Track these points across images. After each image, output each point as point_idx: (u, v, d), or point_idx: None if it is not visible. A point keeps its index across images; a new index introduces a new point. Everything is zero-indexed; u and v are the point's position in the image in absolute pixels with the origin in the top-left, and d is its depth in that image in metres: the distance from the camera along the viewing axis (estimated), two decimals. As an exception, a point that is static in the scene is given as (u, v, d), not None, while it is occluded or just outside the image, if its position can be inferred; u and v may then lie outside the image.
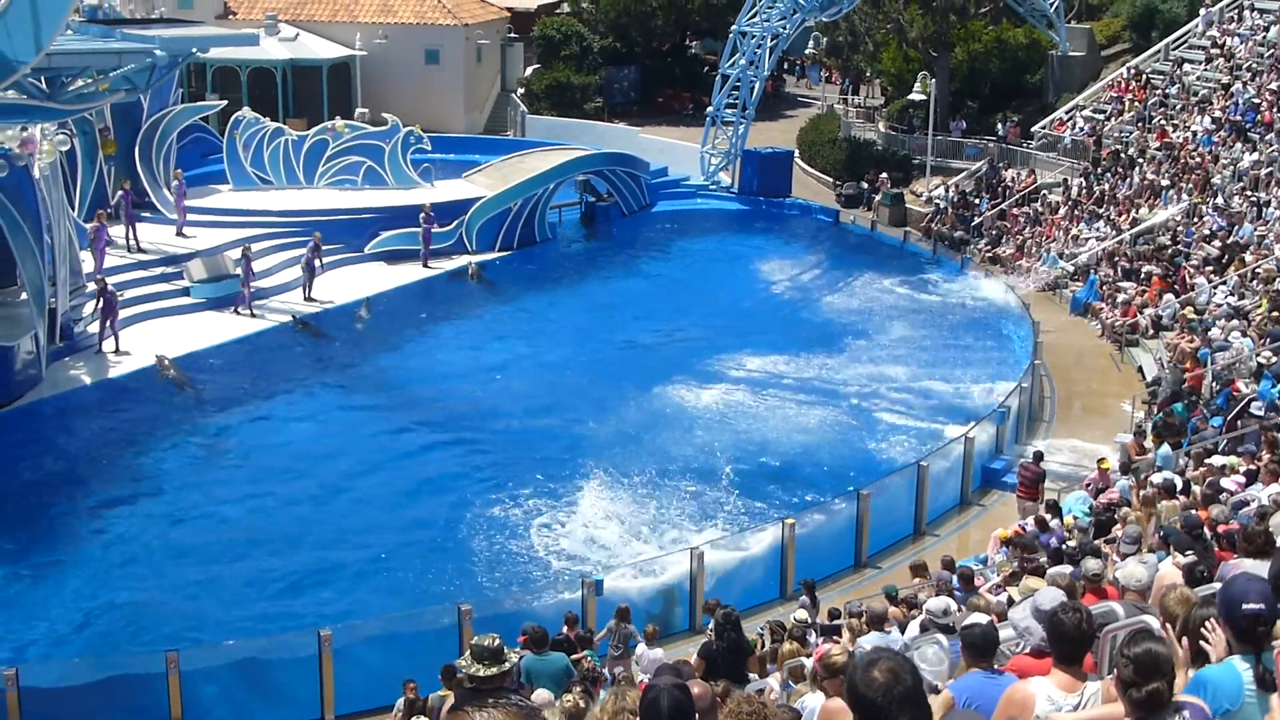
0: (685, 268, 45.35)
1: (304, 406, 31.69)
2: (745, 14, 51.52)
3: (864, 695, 5.21)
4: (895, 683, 5.18)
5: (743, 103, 52.09)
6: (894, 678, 5.19)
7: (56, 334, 31.75)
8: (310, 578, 23.77)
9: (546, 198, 46.22)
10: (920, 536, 25.56)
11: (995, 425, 28.41)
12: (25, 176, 29.98)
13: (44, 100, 26.95)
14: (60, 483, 27.22)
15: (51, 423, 29.71)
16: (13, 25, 23.64)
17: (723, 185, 53.61)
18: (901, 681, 5.19)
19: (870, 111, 63.44)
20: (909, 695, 5.18)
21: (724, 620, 14.28)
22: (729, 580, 22.58)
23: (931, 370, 34.86)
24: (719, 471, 27.95)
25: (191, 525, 25.59)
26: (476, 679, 8.87)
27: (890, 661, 5.28)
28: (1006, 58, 55.68)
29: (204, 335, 34.47)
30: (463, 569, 23.96)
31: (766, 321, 38.81)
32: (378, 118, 48.29)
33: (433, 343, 36.85)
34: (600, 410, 31.60)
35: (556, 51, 65.01)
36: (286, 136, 44.68)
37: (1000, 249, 44.52)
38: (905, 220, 49.18)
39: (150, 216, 40.09)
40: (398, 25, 61.31)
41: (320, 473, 27.98)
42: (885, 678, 5.19)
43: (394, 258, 41.95)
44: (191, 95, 54.61)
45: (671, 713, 5.97)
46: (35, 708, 18.42)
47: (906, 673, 5.24)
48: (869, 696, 5.19)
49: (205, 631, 21.74)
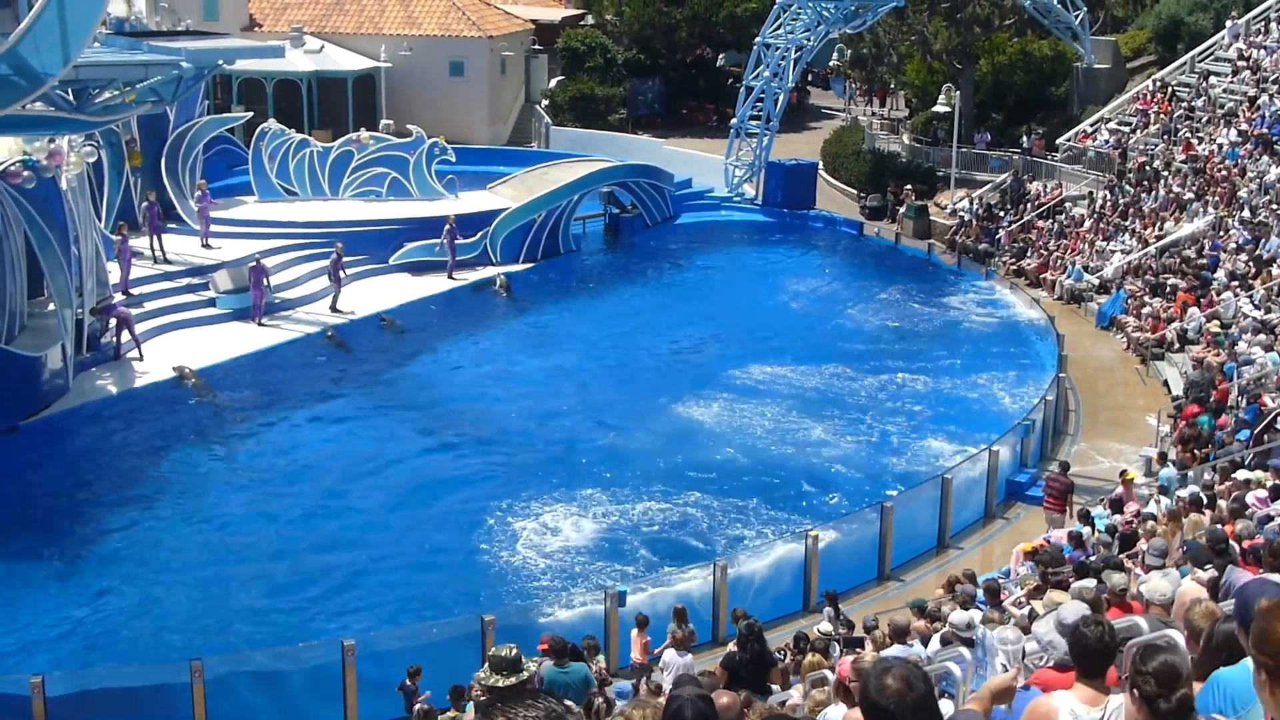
0: (709, 279, 45.34)
1: (327, 417, 31.76)
2: (769, 26, 51.54)
3: (876, 703, 5.22)
4: (908, 690, 5.18)
5: (767, 114, 52.10)
6: (906, 686, 5.20)
7: (84, 344, 31.91)
8: (332, 587, 23.80)
9: (571, 209, 46.29)
10: (944, 549, 25.51)
11: (1019, 438, 28.34)
12: (53, 188, 30.15)
13: (71, 112, 27.08)
14: (86, 491, 27.35)
15: (78, 432, 29.87)
16: (41, 38, 23.75)
17: (747, 197, 53.61)
18: (914, 689, 5.19)
19: (894, 124, 63.38)
20: (921, 703, 5.19)
21: (747, 631, 14.27)
22: (751, 591, 22.55)
23: (955, 383, 34.79)
24: (742, 483, 27.93)
25: (214, 534, 25.68)
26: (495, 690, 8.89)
27: (903, 669, 5.29)
28: (1031, 70, 55.57)
29: (229, 346, 34.61)
30: (484, 579, 23.99)
31: (790, 333, 38.76)
32: (402, 129, 48.42)
33: (456, 354, 36.89)
34: (623, 421, 31.62)
35: (581, 63, 65.11)
36: (312, 148, 44.83)
37: (1025, 262, 44.42)
38: (929, 233, 49.13)
39: (177, 228, 40.28)
40: (422, 37, 61.51)
41: (342, 483, 28.04)
42: (898, 685, 5.20)
43: (418, 269, 42.06)
44: (217, 107, 54.83)
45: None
46: (61, 715, 18.48)
47: (919, 680, 5.25)
48: (881, 704, 5.20)
49: (228, 640, 21.80)
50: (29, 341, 29.95)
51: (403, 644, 21.00)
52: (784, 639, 19.20)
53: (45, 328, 30.66)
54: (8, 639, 21.74)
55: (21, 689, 18.31)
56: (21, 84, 24.01)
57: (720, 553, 23.86)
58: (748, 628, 14.40)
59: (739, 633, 14.75)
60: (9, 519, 25.55)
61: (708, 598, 22.02)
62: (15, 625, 22.17)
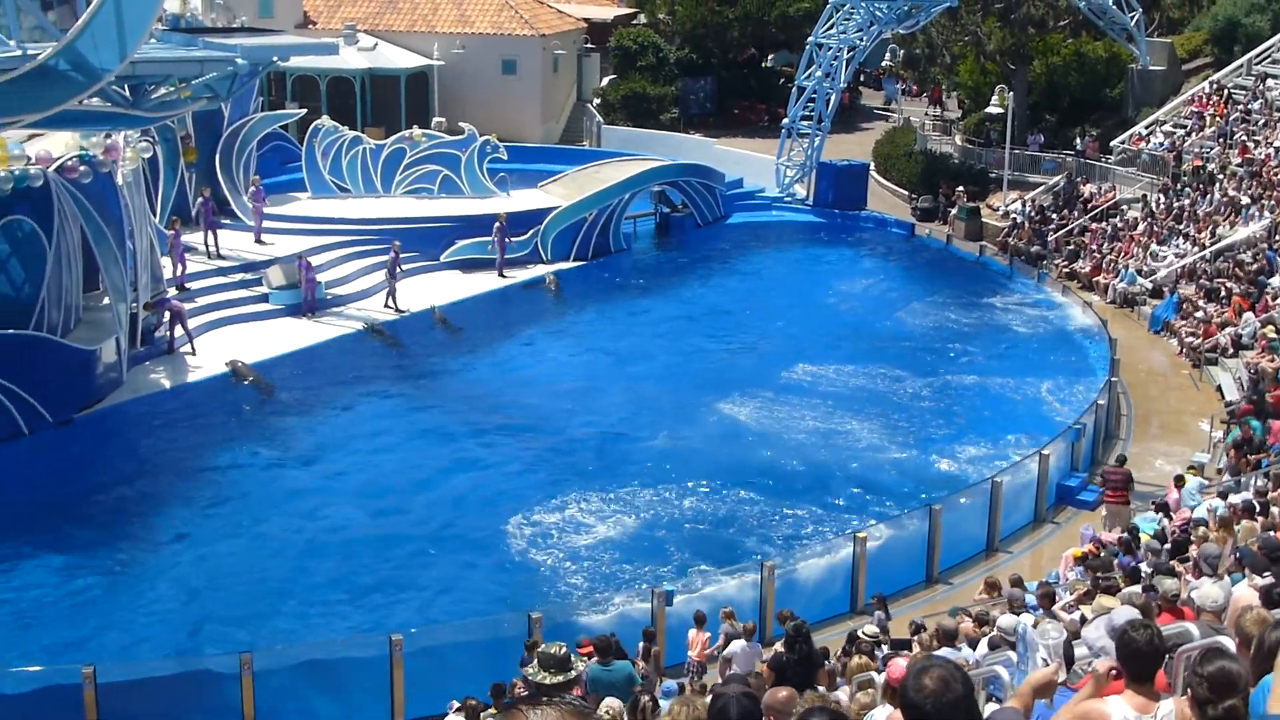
0: (759, 279, 45.27)
1: (376, 412, 31.92)
2: (822, 26, 51.44)
3: (914, 702, 5.21)
4: (945, 690, 5.17)
5: (818, 115, 51.98)
6: (944, 686, 5.18)
7: (138, 338, 32.20)
8: (380, 582, 23.92)
9: (621, 208, 46.33)
10: (993, 553, 25.38)
11: (1070, 442, 28.17)
12: (109, 183, 30.43)
13: (127, 108, 27.27)
14: (138, 483, 27.62)
15: (132, 425, 30.14)
16: (98, 34, 23.96)
17: (798, 197, 53.50)
18: (952, 690, 5.17)
19: (947, 124, 63.11)
20: (959, 703, 5.17)
21: (794, 632, 14.28)
22: (799, 593, 22.51)
23: (1006, 386, 34.61)
24: (790, 484, 27.89)
25: (264, 527, 25.86)
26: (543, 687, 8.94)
27: (942, 669, 5.27)
28: (1086, 71, 55.22)
29: (281, 341, 34.84)
30: (528, 576, 24.05)
31: (839, 334, 38.66)
32: (455, 127, 48.58)
33: (505, 351, 37.01)
34: (671, 420, 31.62)
35: (633, 62, 65.13)
36: (364, 145, 45.07)
37: (1077, 265, 44.14)
38: (981, 235, 48.89)
39: (231, 223, 40.57)
40: (475, 35, 61.71)
41: (390, 479, 28.19)
42: (935, 685, 5.18)
43: (469, 266, 42.20)
44: (271, 104, 55.18)
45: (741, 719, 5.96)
46: (112, 705, 18.66)
47: (957, 681, 5.23)
48: (919, 704, 5.19)
49: (275, 632, 21.95)
50: (84, 335, 30.26)
51: (449, 640, 21.10)
52: (830, 640, 19.18)
53: (100, 321, 30.97)
54: (60, 629, 21.96)
55: (74, 678, 18.49)
56: (79, 79, 24.23)
57: (766, 553, 23.82)
58: (795, 628, 14.42)
59: (787, 633, 14.76)
60: (63, 511, 25.80)
61: (754, 599, 21.99)
62: (69, 616, 22.38)
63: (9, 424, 27.61)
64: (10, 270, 28.14)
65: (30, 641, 21.55)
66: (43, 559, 24.08)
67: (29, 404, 27.83)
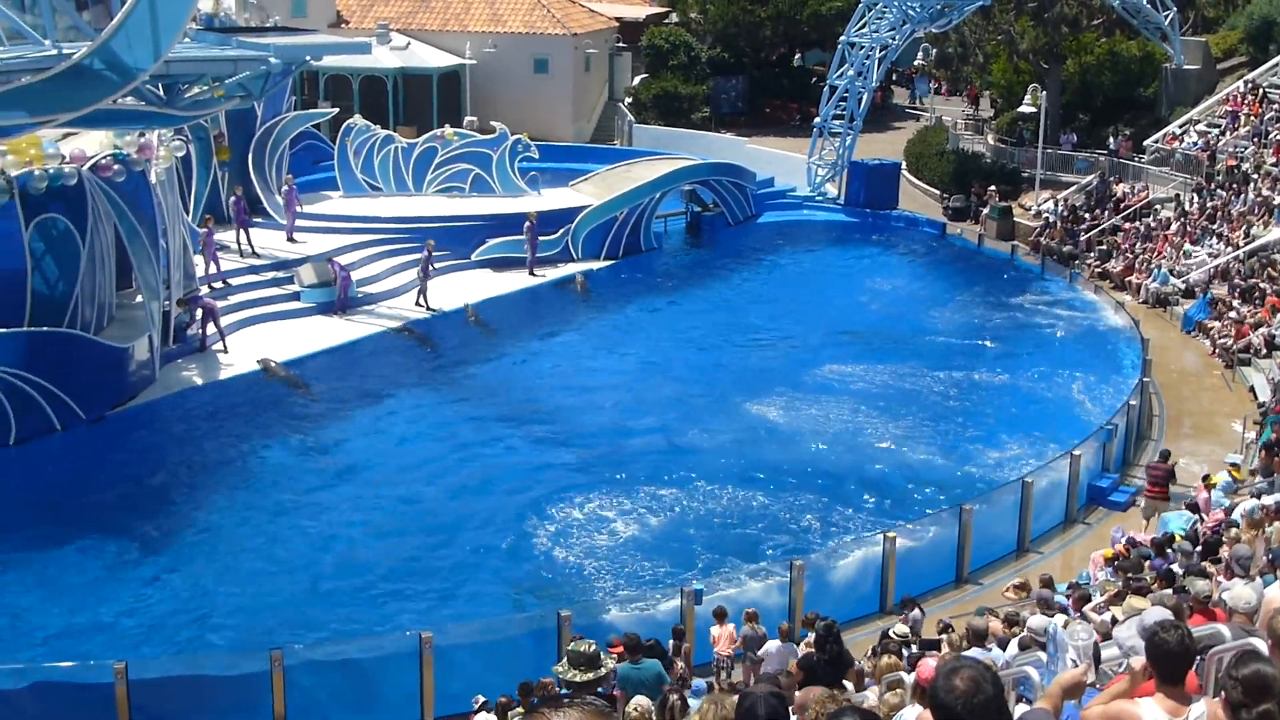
0: (790, 279, 45.21)
1: (405, 410, 31.99)
2: (854, 25, 51.35)
3: (944, 702, 5.20)
4: (976, 691, 5.15)
5: (850, 114, 51.89)
6: (975, 686, 5.17)
7: (170, 336, 32.36)
8: (410, 579, 23.97)
9: (652, 207, 46.34)
10: (1024, 553, 25.30)
11: (1101, 443, 28.06)
12: (142, 181, 30.59)
13: (161, 106, 27.42)
14: (169, 480, 27.75)
15: (164, 422, 30.30)
16: (133, 34, 24.10)
17: (829, 196, 53.42)
18: (982, 690, 5.16)
19: (979, 124, 62.90)
20: (989, 704, 5.15)
21: (825, 632, 14.23)
22: (828, 592, 22.48)
23: (1037, 386, 34.49)
24: (819, 483, 27.84)
25: (293, 523, 25.95)
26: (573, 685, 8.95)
27: (972, 670, 5.26)
28: (1119, 70, 54.96)
29: (313, 339, 34.96)
30: (554, 573, 24.07)
31: (870, 333, 38.59)
32: (486, 126, 48.67)
33: (534, 350, 37.04)
34: (699, 419, 31.61)
35: (664, 61, 65.15)
36: (396, 144, 45.20)
37: (1110, 265, 43.95)
38: (1013, 234, 48.72)
39: (263, 222, 40.73)
40: (507, 35, 61.84)
41: (419, 476, 28.24)
42: (966, 686, 5.17)
43: (500, 265, 42.28)
44: (304, 102, 55.39)
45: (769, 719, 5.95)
46: (143, 701, 18.75)
47: (988, 682, 5.21)
48: (949, 704, 5.17)
49: (307, 629, 22.02)
50: (117, 333, 30.43)
51: (479, 638, 21.15)
52: (859, 641, 19.16)
53: (133, 319, 31.14)
54: (91, 625, 22.08)
55: (105, 675, 18.59)
56: (113, 79, 24.37)
57: (795, 553, 23.78)
58: (826, 628, 14.36)
59: (818, 633, 14.71)
60: (95, 506, 25.94)
61: (782, 598, 21.96)
62: (99, 611, 22.51)
63: (43, 421, 27.78)
64: (45, 268, 28.31)
65: (61, 636, 21.69)
66: (76, 555, 24.21)
67: (62, 401, 28.01)
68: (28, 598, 22.81)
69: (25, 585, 23.16)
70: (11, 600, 22.72)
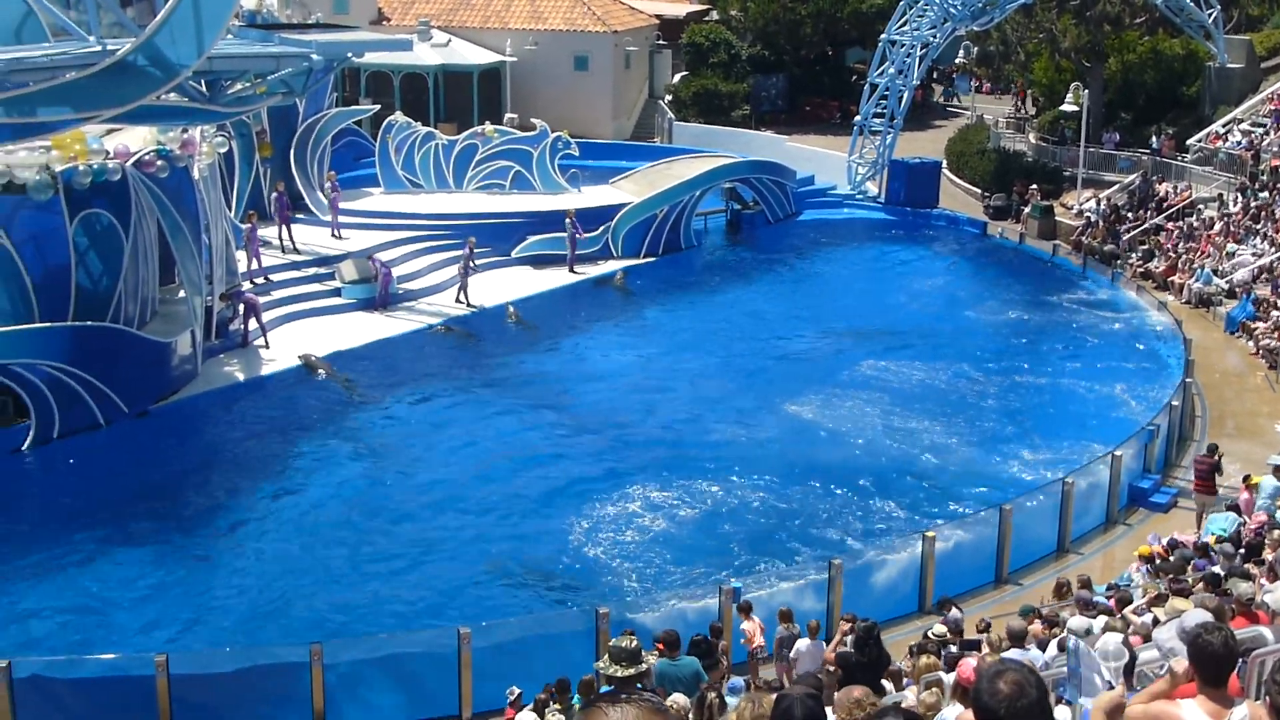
0: (829, 277, 45.13)
1: (444, 405, 32.07)
2: (895, 22, 51.19)
3: (988, 706, 5.18)
4: (1020, 695, 5.14)
5: (891, 112, 51.75)
6: (1019, 690, 5.15)
7: (212, 331, 32.56)
8: (448, 575, 24.05)
9: (692, 205, 46.33)
10: (1064, 554, 25.17)
11: (1143, 443, 27.89)
12: (185, 177, 30.79)
13: (204, 103, 27.62)
14: (211, 474, 27.93)
15: (206, 416, 30.51)
16: (176, 30, 24.28)
17: (869, 195, 53.28)
18: (1026, 694, 5.14)
19: (1020, 122, 62.61)
20: (1033, 708, 5.14)
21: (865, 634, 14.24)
22: (866, 592, 22.43)
23: (1078, 386, 34.32)
24: (857, 482, 27.77)
25: (332, 517, 26.05)
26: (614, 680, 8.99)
27: (1016, 673, 5.24)
28: (1162, 69, 54.60)
29: (353, 334, 35.13)
30: (595, 571, 24.08)
31: (909, 332, 38.46)
32: (527, 123, 48.75)
33: (573, 346, 37.09)
34: (737, 417, 31.58)
35: (704, 59, 65.12)
36: (437, 141, 45.37)
37: (1152, 264, 43.68)
38: (1055, 233, 48.49)
39: (304, 218, 40.94)
40: (548, 32, 61.92)
41: (456, 471, 28.31)
42: (1010, 689, 5.15)
43: (540, 262, 42.36)
44: (345, 99, 55.61)
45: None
46: (183, 694, 18.88)
47: (1032, 685, 5.19)
48: (993, 708, 5.16)
49: (344, 624, 22.12)
50: (160, 328, 30.63)
51: (517, 633, 21.19)
52: (897, 640, 19.11)
53: (176, 314, 31.33)
54: (133, 618, 22.25)
55: (146, 668, 18.73)
56: (157, 75, 24.54)
57: (833, 551, 23.74)
58: (866, 630, 14.37)
59: (857, 634, 14.71)
60: (138, 501, 26.16)
61: (821, 597, 21.93)
62: (140, 605, 22.67)
63: (86, 415, 28.00)
64: (88, 263, 28.52)
65: (105, 627, 21.86)
66: (119, 548, 24.40)
67: (106, 395, 28.22)
68: (70, 591, 22.99)
69: (68, 579, 23.35)
70: (54, 593, 22.90)
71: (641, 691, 4.20)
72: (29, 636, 21.55)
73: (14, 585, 23.05)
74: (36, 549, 24.15)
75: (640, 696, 4.06)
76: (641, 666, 8.99)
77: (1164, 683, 8.01)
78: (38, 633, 21.74)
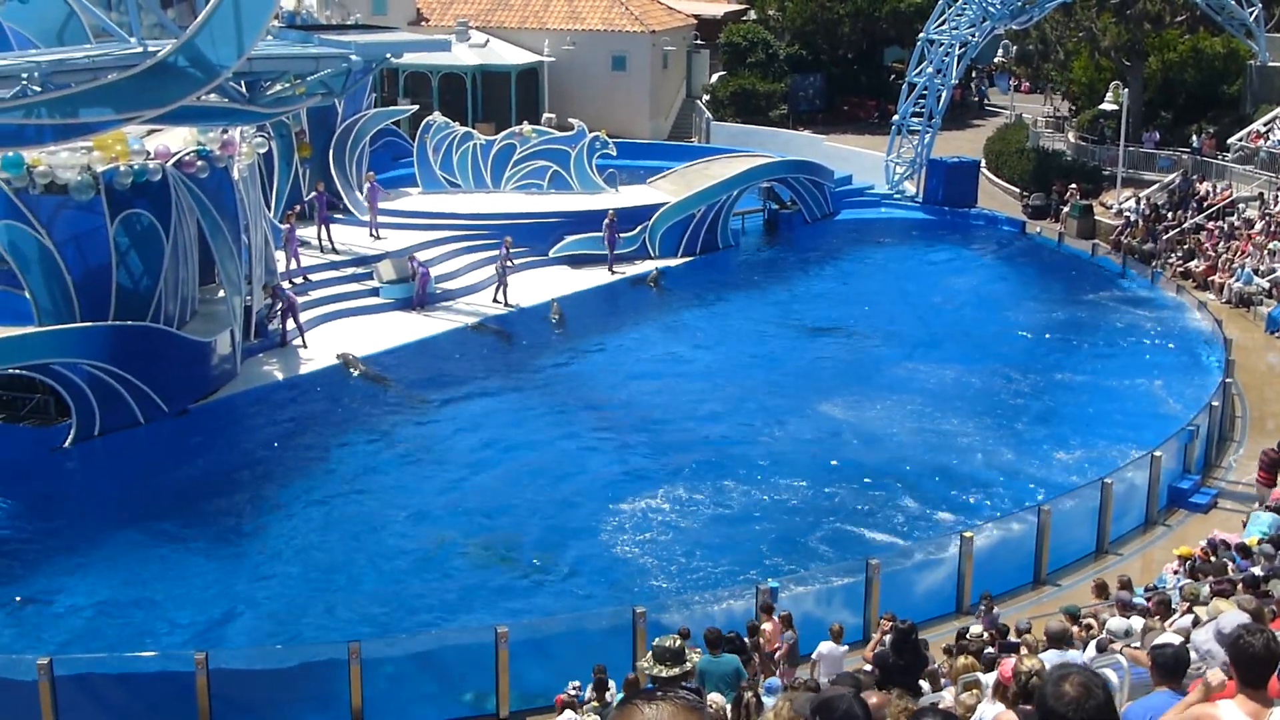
0: (867, 277, 45.02)
1: (480, 405, 32.14)
2: (934, 21, 51.02)
3: (1053, 709, 5.15)
4: (1087, 698, 5.11)
5: (929, 111, 51.59)
6: (1085, 692, 5.12)
7: (251, 331, 32.73)
8: (484, 574, 24.12)
9: (730, 204, 46.31)
10: (1102, 555, 25.05)
11: (1183, 444, 27.73)
12: (225, 178, 30.97)
13: (244, 104, 27.75)
14: (251, 473, 28.10)
15: (245, 416, 30.69)
16: (217, 31, 24.44)
17: (907, 194, 53.12)
18: (1093, 696, 5.12)
19: (1059, 121, 62.28)
20: (1100, 712, 5.11)
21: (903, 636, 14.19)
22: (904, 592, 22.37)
23: (1117, 386, 34.14)
24: (893, 482, 27.73)
25: (368, 516, 26.17)
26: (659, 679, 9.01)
27: (1082, 676, 5.21)
28: (1203, 67, 54.21)
29: (391, 334, 35.27)
30: (629, 570, 24.11)
31: (947, 332, 38.34)
32: (564, 123, 48.84)
33: (609, 346, 37.09)
34: (774, 415, 31.57)
35: (742, 58, 65.06)
36: (475, 141, 45.47)
37: (1192, 264, 43.41)
38: (1094, 233, 48.24)
39: (343, 218, 41.11)
40: (585, 32, 61.98)
41: (494, 471, 28.39)
42: (1076, 692, 5.12)
43: (578, 262, 42.42)
44: (384, 100, 55.82)
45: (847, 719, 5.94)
46: (222, 691, 19.01)
47: (1098, 689, 5.17)
48: (1059, 711, 5.13)
49: (380, 622, 22.21)
50: (199, 327, 30.81)
51: (554, 631, 21.25)
52: (934, 641, 19.05)
53: (215, 314, 31.51)
54: (176, 615, 22.39)
55: (187, 665, 18.86)
56: (197, 75, 24.70)
57: (871, 551, 23.69)
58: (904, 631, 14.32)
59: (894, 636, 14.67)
60: (178, 499, 26.35)
61: (858, 597, 21.90)
62: (179, 601, 22.82)
63: (126, 414, 28.20)
64: (129, 263, 28.71)
65: (143, 626, 22.01)
66: (159, 546, 24.58)
67: (146, 394, 28.42)
68: (110, 589, 23.17)
69: (109, 576, 23.54)
70: (94, 590, 23.08)
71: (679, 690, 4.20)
72: (71, 633, 21.75)
73: (54, 581, 23.26)
74: (78, 546, 24.35)
75: (675, 694, 4.07)
76: (686, 666, 8.99)
77: (1197, 694, 7.98)
78: (78, 629, 21.93)
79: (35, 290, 28.00)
